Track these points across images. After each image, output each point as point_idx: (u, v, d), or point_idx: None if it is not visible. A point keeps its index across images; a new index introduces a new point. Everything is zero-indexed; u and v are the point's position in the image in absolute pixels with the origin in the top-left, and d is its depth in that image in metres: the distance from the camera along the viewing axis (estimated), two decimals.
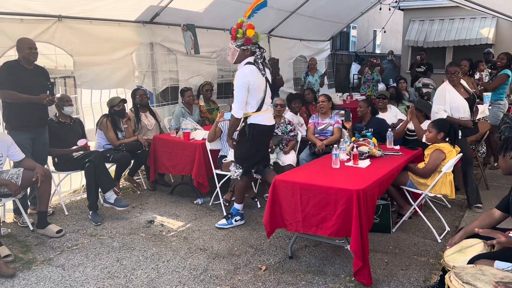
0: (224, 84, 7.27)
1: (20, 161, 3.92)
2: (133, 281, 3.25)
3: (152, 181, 5.37)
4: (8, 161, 4.06)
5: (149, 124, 5.54)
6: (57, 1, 4.49)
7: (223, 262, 3.55)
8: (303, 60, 9.46)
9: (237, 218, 4.22)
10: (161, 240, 3.97)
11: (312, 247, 3.81)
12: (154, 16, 5.75)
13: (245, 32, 3.80)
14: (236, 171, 4.08)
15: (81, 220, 4.42)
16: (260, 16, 7.16)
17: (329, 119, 5.25)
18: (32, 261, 3.56)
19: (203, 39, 6.60)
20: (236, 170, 4.08)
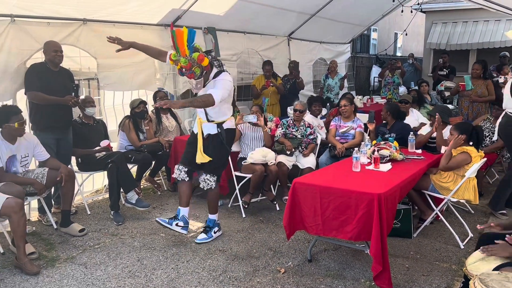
0: (243, 87, 7.30)
1: (45, 161, 4.02)
2: (153, 280, 3.29)
3: (173, 182, 5.42)
4: (33, 161, 4.16)
5: (170, 126, 5.60)
6: (83, 5, 4.59)
7: (242, 263, 3.57)
8: (323, 62, 9.43)
9: (215, 230, 4.02)
10: (181, 241, 4.01)
11: (332, 250, 3.79)
12: (176, 19, 5.82)
13: (201, 66, 3.48)
14: (211, 180, 3.85)
15: (103, 220, 4.50)
16: (280, 19, 7.25)
17: (351, 123, 5.21)
18: (56, 259, 3.64)
19: (224, 42, 6.64)
20: (210, 179, 3.85)
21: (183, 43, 3.41)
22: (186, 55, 3.42)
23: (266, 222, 4.46)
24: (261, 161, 4.59)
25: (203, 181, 3.87)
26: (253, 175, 4.54)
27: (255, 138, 4.90)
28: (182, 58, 3.42)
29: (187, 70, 3.47)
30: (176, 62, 3.48)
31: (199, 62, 3.44)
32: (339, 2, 7.37)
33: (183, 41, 3.41)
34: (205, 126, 3.85)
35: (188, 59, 3.42)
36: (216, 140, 3.84)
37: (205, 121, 3.83)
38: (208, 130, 3.85)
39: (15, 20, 4.14)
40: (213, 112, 3.79)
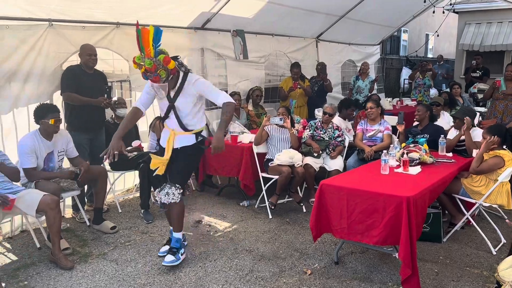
0: (271, 89, 7.33)
1: (73, 158, 4.17)
2: (182, 278, 3.36)
3: (201, 182, 5.51)
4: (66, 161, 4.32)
5: None
6: (116, 9, 4.73)
7: (268, 264, 3.59)
8: (352, 64, 9.36)
9: (182, 251, 3.61)
10: (208, 240, 4.07)
11: (359, 253, 3.76)
12: (205, 22, 5.91)
13: (167, 69, 3.20)
14: (175, 193, 3.42)
15: (133, 218, 4.62)
16: (309, 21, 7.25)
17: (378, 126, 5.16)
18: (88, 254, 3.77)
19: (252, 44, 6.71)
20: (175, 192, 3.42)
21: (149, 43, 3.16)
22: (151, 57, 3.15)
23: (293, 223, 4.47)
24: (288, 163, 4.61)
25: (165, 195, 3.41)
26: (280, 177, 4.57)
27: (282, 139, 4.92)
28: (146, 60, 3.15)
29: (151, 72, 3.18)
30: (140, 65, 3.19)
31: (165, 64, 3.18)
32: (368, 4, 7.30)
33: (149, 41, 3.16)
34: (181, 138, 3.47)
35: (153, 60, 3.15)
36: (192, 150, 3.49)
37: (180, 132, 3.46)
38: (185, 142, 3.47)
39: (52, 24, 4.31)
40: (192, 121, 3.46)
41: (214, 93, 3.40)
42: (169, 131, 3.49)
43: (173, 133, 3.47)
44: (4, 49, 3.96)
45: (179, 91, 3.38)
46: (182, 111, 3.43)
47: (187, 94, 3.39)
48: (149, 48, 3.17)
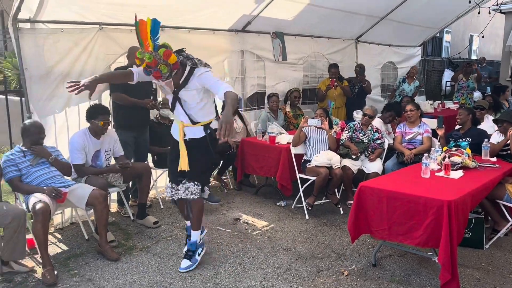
0: (309, 90, 7.36)
1: (118, 157, 4.37)
2: (221, 273, 3.47)
3: (239, 181, 5.63)
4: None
5: (238, 127, 5.81)
6: (162, 13, 4.87)
7: (305, 263, 3.64)
8: (392, 66, 9.22)
9: (199, 252, 3.59)
10: (246, 237, 4.16)
11: (397, 256, 3.74)
12: (246, 24, 6.03)
13: (168, 64, 3.08)
14: (195, 189, 3.38)
15: (174, 214, 4.78)
16: (348, 23, 7.22)
17: (417, 128, 5.10)
18: (133, 247, 3.95)
19: (291, 46, 6.76)
20: (195, 188, 3.38)
21: (147, 36, 3.01)
22: (150, 51, 3.02)
23: (330, 225, 4.49)
24: (326, 164, 4.64)
25: (185, 190, 3.40)
26: (317, 178, 4.60)
27: (320, 141, 4.95)
28: (146, 54, 3.01)
29: (152, 68, 3.05)
30: (141, 60, 3.07)
31: (165, 58, 3.04)
32: (410, 5, 7.19)
33: (147, 34, 3.01)
34: (189, 130, 3.41)
35: (153, 55, 3.01)
36: (202, 143, 3.41)
37: (188, 124, 3.40)
38: (192, 134, 3.42)
39: (102, 28, 4.53)
40: (199, 113, 3.40)
41: (215, 86, 3.23)
42: (178, 123, 3.46)
43: (182, 124, 3.41)
44: (59, 51, 4.21)
45: (184, 85, 3.31)
46: (188, 103, 3.36)
47: (191, 87, 3.31)
48: (147, 41, 3.01)
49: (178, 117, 3.46)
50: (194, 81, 3.29)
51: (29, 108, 4.07)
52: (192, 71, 3.31)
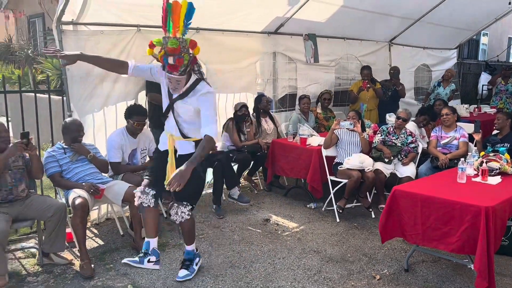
0: (340, 92, 7.31)
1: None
2: (252, 272, 3.51)
3: (269, 183, 5.65)
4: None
5: (268, 129, 5.85)
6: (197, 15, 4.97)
7: (336, 266, 3.63)
8: (426, 69, 9.05)
9: (196, 261, 3.48)
10: (276, 238, 4.19)
11: (430, 262, 3.68)
12: (278, 27, 6.06)
13: (190, 56, 2.87)
14: (185, 212, 3.20)
15: (206, 213, 4.86)
16: (382, 25, 7.14)
17: (453, 133, 4.99)
18: (165, 244, 4.04)
19: (323, 48, 6.74)
20: (185, 211, 3.19)
21: (179, 19, 2.76)
22: (178, 36, 2.76)
23: (361, 228, 4.46)
24: (358, 167, 4.60)
25: (175, 214, 3.21)
26: (349, 181, 4.57)
27: (352, 143, 4.92)
28: (171, 40, 2.74)
29: (175, 54, 2.76)
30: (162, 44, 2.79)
31: (191, 47, 2.81)
32: (446, 6, 7.03)
33: (180, 16, 2.76)
34: (179, 144, 3.16)
35: (179, 40, 2.75)
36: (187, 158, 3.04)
37: (178, 138, 3.13)
38: (183, 150, 3.15)
39: (140, 30, 4.66)
40: (191, 129, 3.12)
41: (205, 118, 2.99)
42: (167, 135, 3.18)
43: (171, 137, 3.14)
44: (99, 52, 4.32)
45: (184, 95, 3.02)
46: (181, 116, 3.09)
47: (189, 102, 3.04)
48: (178, 24, 2.76)
49: (168, 129, 3.19)
50: (194, 98, 3.03)
51: (70, 106, 4.23)
52: (196, 83, 3.05)
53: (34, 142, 3.52)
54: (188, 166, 2.86)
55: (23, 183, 3.51)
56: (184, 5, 2.77)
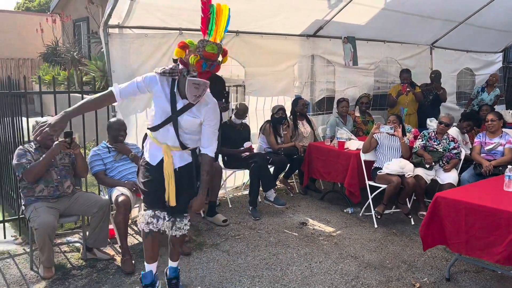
0: (379, 96, 7.20)
1: None
2: (288, 275, 3.51)
3: (305, 186, 5.64)
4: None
5: (305, 132, 5.83)
6: (238, 18, 5.04)
7: (374, 272, 3.58)
8: (469, 73, 8.76)
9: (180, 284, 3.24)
10: (313, 242, 4.17)
11: (473, 272, 3.56)
12: (317, 29, 6.04)
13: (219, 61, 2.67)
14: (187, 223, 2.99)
15: (242, 214, 4.90)
16: (424, 27, 6.98)
17: (498, 139, 4.81)
18: (203, 243, 4.10)
19: (362, 50, 6.67)
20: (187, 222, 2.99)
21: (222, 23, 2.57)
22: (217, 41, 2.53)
23: (400, 235, 4.37)
24: (398, 172, 4.51)
25: (178, 229, 2.95)
26: (388, 186, 4.49)
27: (392, 148, 4.83)
28: (210, 44, 2.51)
29: (213, 61, 2.54)
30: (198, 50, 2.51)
31: (222, 55, 2.60)
32: (492, 8, 6.79)
33: (223, 21, 2.57)
34: (177, 155, 2.87)
35: (217, 46, 2.53)
36: (191, 169, 2.90)
37: (176, 148, 2.83)
38: (182, 161, 2.89)
39: (182, 33, 4.76)
40: (191, 139, 2.86)
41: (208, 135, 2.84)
42: (161, 147, 2.82)
43: (167, 148, 2.81)
44: (143, 55, 4.50)
45: (190, 105, 2.74)
46: (185, 129, 2.80)
47: (196, 113, 2.78)
48: (220, 29, 2.56)
49: (162, 139, 2.82)
50: (202, 109, 2.78)
51: (114, 107, 4.39)
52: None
53: (78, 141, 3.66)
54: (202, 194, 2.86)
55: (69, 180, 3.66)
56: (226, 9, 2.64)
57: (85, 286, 3.32)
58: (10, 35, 15.99)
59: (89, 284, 3.34)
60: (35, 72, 14.03)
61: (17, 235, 4.19)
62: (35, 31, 12.96)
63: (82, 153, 4.01)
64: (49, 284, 3.32)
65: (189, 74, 2.59)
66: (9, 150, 4.29)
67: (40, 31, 12.35)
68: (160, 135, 2.83)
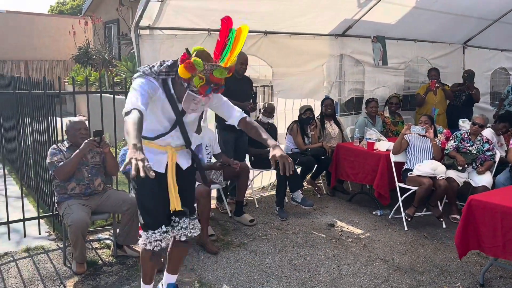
0: (409, 96, 7.05)
1: (217, 154, 4.57)
2: (316, 276, 3.48)
3: (332, 187, 5.58)
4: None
5: (333, 132, 5.77)
6: (265, 19, 5.07)
7: (404, 276, 3.50)
8: (504, 72, 8.46)
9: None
10: (341, 244, 4.12)
11: (509, 278, 3.44)
12: (346, 29, 5.97)
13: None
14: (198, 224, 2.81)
15: (269, 214, 4.89)
16: (456, 26, 6.79)
17: None
18: (230, 243, 4.12)
19: (392, 50, 6.54)
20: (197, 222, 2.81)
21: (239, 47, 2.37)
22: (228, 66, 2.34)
23: (431, 238, 4.26)
24: (429, 174, 4.41)
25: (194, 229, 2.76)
26: (419, 188, 4.39)
27: (423, 149, 4.72)
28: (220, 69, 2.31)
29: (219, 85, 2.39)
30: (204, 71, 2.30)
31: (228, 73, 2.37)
32: None
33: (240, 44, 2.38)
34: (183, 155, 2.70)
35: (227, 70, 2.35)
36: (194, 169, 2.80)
37: (181, 148, 2.67)
38: (188, 162, 2.73)
39: (211, 34, 4.80)
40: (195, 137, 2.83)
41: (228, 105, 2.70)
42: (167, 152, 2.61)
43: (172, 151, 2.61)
44: (172, 56, 4.46)
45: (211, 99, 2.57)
46: (191, 128, 2.68)
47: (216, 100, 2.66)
48: (235, 53, 2.36)
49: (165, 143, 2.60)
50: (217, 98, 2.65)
51: None
52: None
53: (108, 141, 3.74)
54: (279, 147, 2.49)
55: (99, 178, 3.74)
56: (246, 31, 2.42)
57: (115, 282, 3.38)
58: (44, 38, 16.56)
59: (119, 281, 3.40)
60: (67, 73, 14.46)
61: (51, 231, 4.31)
62: (67, 34, 13.36)
63: (113, 152, 4.10)
64: (81, 279, 3.41)
65: (189, 87, 2.37)
66: (43, 149, 4.42)
67: (72, 33, 12.72)
68: (163, 139, 2.59)
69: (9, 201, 4.22)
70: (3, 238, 4.07)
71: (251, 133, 2.66)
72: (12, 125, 5.76)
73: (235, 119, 2.67)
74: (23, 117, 4.99)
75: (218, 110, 2.71)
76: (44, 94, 4.23)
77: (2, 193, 4.16)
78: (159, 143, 2.60)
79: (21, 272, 3.51)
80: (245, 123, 2.66)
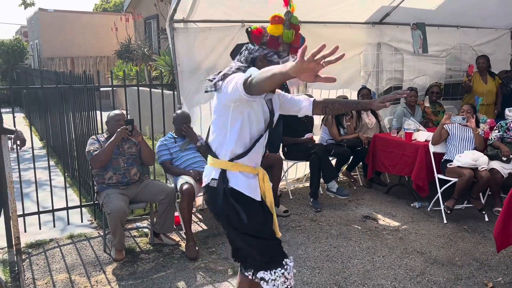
0: (452, 85, 6.77)
1: None
2: (350, 268, 3.44)
3: (369, 179, 5.47)
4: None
5: (370, 123, 5.65)
6: (300, 8, 4.93)
7: (442, 269, 3.40)
8: None
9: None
10: (376, 236, 4.05)
11: None
12: (384, 16, 5.80)
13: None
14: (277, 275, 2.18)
15: (302, 206, 4.87)
16: (503, 10, 6.44)
17: None
18: None
19: (433, 37, 6.30)
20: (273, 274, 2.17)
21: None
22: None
23: (472, 231, 4.10)
24: (471, 165, 4.23)
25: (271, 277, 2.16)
26: (459, 180, 4.23)
27: (465, 139, 4.53)
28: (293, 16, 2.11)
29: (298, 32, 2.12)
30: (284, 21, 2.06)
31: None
32: None
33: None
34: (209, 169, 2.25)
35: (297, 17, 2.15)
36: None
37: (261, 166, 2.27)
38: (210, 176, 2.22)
39: (244, 25, 4.80)
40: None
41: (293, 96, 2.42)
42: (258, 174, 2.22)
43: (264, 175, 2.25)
44: (206, 48, 4.61)
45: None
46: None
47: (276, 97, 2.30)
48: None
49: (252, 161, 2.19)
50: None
51: (180, 99, 4.55)
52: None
53: (147, 133, 3.84)
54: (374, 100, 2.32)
55: (135, 167, 3.86)
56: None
57: (152, 269, 3.49)
58: (89, 35, 17.22)
59: (155, 268, 3.51)
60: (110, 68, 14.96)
61: (93, 220, 4.51)
62: (110, 30, 13.80)
63: (150, 144, 4.21)
64: (119, 265, 3.55)
65: (280, 56, 2.04)
66: (84, 142, 4.62)
67: (114, 30, 13.12)
68: (248, 157, 2.14)
69: (55, 191, 4.45)
70: (48, 226, 4.29)
71: (334, 109, 2.34)
72: (57, 119, 6.05)
73: (308, 107, 2.35)
74: (67, 110, 5.22)
75: (286, 106, 2.36)
76: (84, 88, 4.41)
77: (48, 183, 4.38)
78: (246, 162, 2.16)
79: (64, 257, 3.70)
80: (317, 104, 2.34)
